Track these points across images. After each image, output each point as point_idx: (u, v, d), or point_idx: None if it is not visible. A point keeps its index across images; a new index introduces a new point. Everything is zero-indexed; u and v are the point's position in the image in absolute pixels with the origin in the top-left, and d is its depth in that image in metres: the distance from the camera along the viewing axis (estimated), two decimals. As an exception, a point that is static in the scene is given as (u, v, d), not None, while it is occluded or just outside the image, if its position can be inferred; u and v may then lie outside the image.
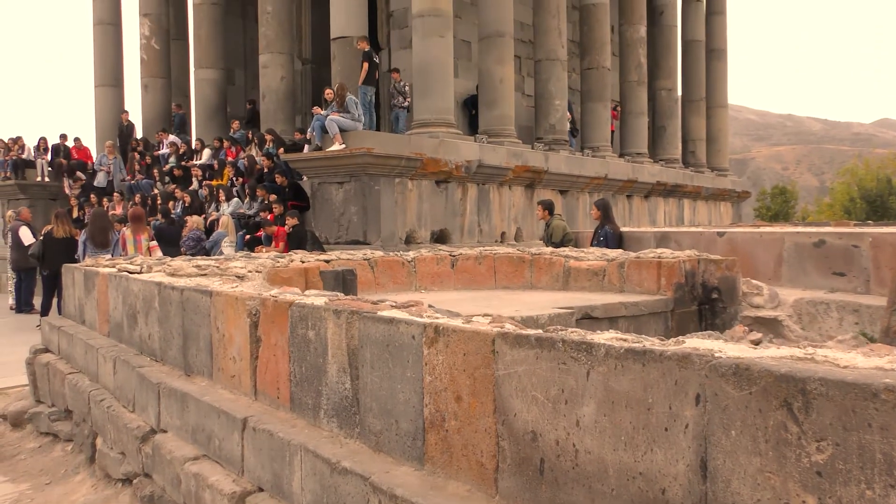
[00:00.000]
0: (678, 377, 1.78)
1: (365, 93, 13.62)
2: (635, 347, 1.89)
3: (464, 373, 2.29)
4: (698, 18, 23.36)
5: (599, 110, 18.45)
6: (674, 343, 1.97)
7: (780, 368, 1.61)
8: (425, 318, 2.54)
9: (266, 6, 15.88)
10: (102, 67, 19.39)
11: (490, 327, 2.34)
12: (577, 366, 1.99)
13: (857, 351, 1.86)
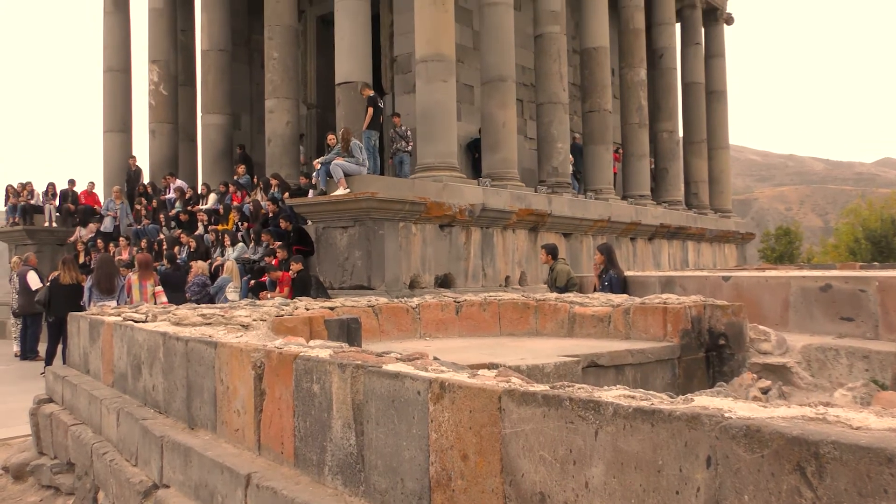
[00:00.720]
0: (688, 438, 1.75)
1: (369, 137, 13.74)
2: (644, 407, 1.86)
3: (470, 430, 2.26)
4: (698, 61, 23.62)
5: (601, 153, 18.56)
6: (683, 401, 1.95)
7: (791, 430, 1.58)
8: (431, 372, 2.52)
9: (272, 53, 16.11)
10: (111, 113, 19.62)
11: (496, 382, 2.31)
12: (584, 425, 1.96)
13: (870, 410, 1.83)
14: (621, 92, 20.52)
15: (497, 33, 15.25)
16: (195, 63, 19.93)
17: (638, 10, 20.08)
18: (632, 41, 20.11)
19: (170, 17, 18.97)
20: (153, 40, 18.86)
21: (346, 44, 14.65)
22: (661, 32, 21.80)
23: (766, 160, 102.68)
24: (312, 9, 19.46)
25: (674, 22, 22.38)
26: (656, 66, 21.67)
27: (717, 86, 24.62)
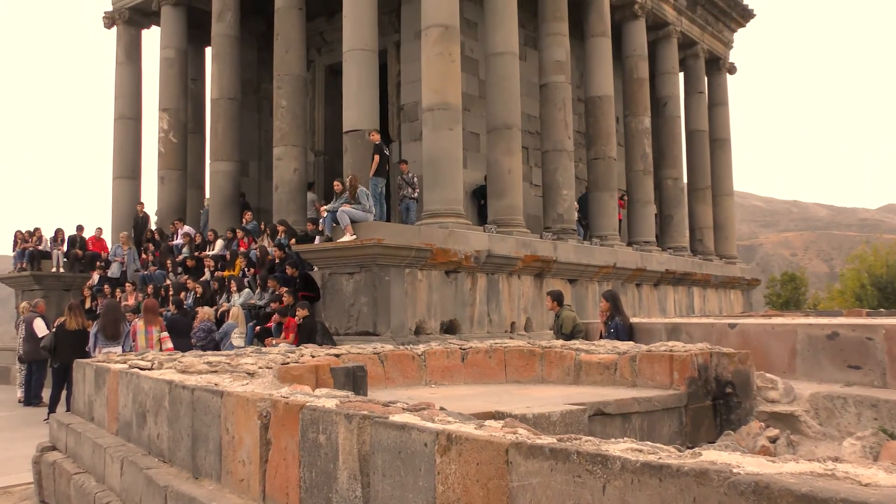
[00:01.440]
0: (696, 494, 1.74)
1: (376, 184, 13.85)
2: (652, 461, 1.85)
3: (477, 483, 2.25)
4: (701, 109, 23.85)
5: (606, 199, 18.65)
6: (691, 456, 1.94)
7: (800, 487, 1.57)
8: (437, 423, 2.51)
9: (281, 101, 16.34)
10: (121, 160, 19.86)
11: (503, 433, 2.30)
12: (592, 479, 1.95)
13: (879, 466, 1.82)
14: (626, 139, 20.70)
15: (503, 82, 15.47)
16: (205, 111, 20.22)
17: (642, 59, 20.37)
18: (636, 90, 20.35)
19: (181, 67, 19.30)
20: (164, 89, 19.15)
21: (354, 92, 14.86)
22: (664, 82, 22.06)
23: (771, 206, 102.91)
24: (321, 58, 19.78)
25: (677, 71, 22.65)
26: (660, 114, 21.89)
27: (721, 133, 24.82)
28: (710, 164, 24.00)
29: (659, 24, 21.50)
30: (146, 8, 19.75)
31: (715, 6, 23.85)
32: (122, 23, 20.18)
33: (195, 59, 20.72)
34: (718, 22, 24.58)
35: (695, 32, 23.19)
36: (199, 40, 20.31)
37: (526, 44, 18.14)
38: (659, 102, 21.90)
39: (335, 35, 17.19)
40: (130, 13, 20.06)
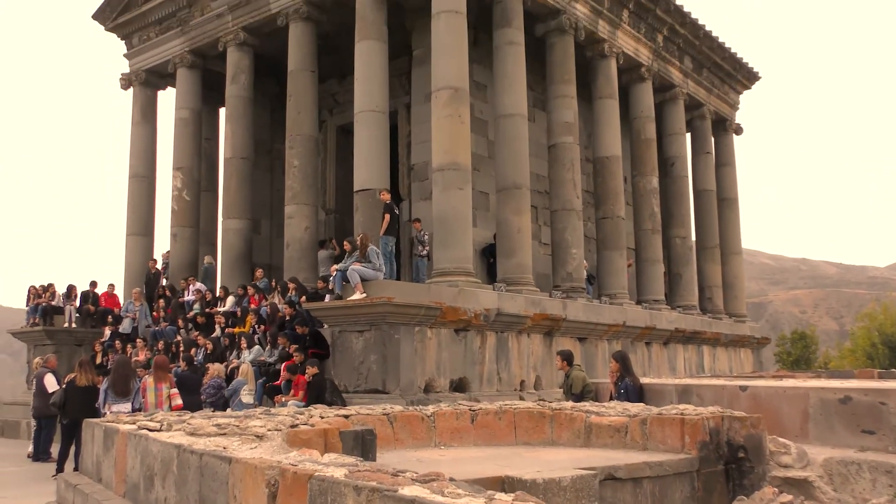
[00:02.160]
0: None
1: (386, 243, 13.93)
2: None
3: (487, 558, 2.22)
4: (708, 169, 23.99)
5: (615, 258, 18.66)
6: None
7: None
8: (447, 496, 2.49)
9: (293, 161, 16.58)
10: (135, 217, 20.07)
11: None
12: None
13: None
14: (634, 199, 20.80)
15: (512, 143, 15.66)
16: (218, 170, 20.51)
17: (649, 121, 20.61)
18: (643, 150, 20.54)
19: (195, 127, 19.64)
20: (178, 148, 19.46)
21: (365, 152, 15.09)
22: (672, 142, 22.26)
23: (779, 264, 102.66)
24: (333, 119, 20.10)
25: (684, 132, 22.89)
26: (668, 174, 22.04)
27: (729, 193, 24.92)
28: (719, 222, 24.05)
29: (665, 86, 21.81)
30: (162, 70, 20.20)
31: (720, 69, 24.21)
32: (139, 84, 20.62)
33: (209, 119, 21.10)
34: (724, 84, 24.91)
35: (701, 94, 23.49)
36: (214, 101, 20.72)
37: (535, 105, 18.40)
38: (667, 162, 22.07)
39: (347, 96, 17.52)
40: (147, 75, 20.51)
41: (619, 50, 19.23)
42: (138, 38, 20.66)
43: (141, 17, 20.21)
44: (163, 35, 19.91)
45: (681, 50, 22.14)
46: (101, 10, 20.80)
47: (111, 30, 21.07)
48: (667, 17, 20.74)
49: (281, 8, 17.16)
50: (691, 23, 21.65)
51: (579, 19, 17.67)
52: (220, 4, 18.47)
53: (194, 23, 19.09)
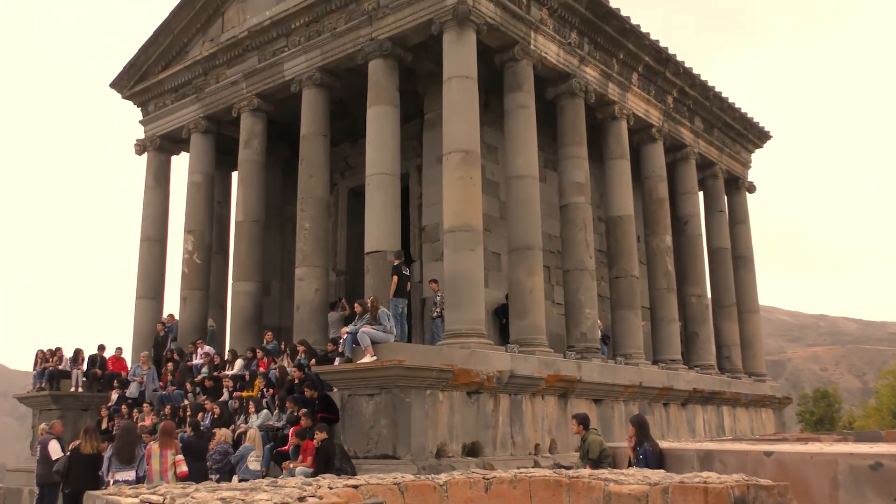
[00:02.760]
0: None
1: (396, 305, 13.85)
2: None
3: None
4: (722, 227, 23.93)
5: (630, 318, 18.46)
6: None
7: None
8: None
9: (304, 223, 16.64)
10: (145, 280, 20.13)
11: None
12: None
13: None
14: (648, 258, 20.70)
15: (524, 204, 15.67)
16: (229, 232, 20.61)
17: (661, 180, 20.64)
18: (656, 210, 20.52)
19: (207, 191, 19.83)
20: (190, 212, 19.61)
21: (376, 214, 15.14)
22: (685, 201, 22.24)
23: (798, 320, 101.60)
24: (344, 182, 20.26)
25: (697, 191, 22.90)
26: (682, 232, 21.96)
27: (744, 251, 24.79)
28: (734, 280, 23.87)
29: (677, 146, 21.92)
30: (176, 136, 20.52)
31: (731, 129, 24.36)
32: (153, 150, 20.93)
33: (221, 183, 21.32)
34: (735, 143, 25.03)
35: (713, 154, 23.58)
36: (226, 165, 20.99)
37: (546, 166, 18.49)
38: (680, 221, 22.02)
39: (359, 159, 17.69)
40: (161, 140, 20.84)
41: (630, 111, 19.40)
42: (154, 104, 21.08)
43: (157, 84, 20.65)
44: (178, 102, 20.30)
45: (691, 111, 22.34)
46: (119, 78, 21.28)
47: (128, 97, 21.51)
48: (676, 80, 20.99)
49: (295, 75, 17.48)
50: (700, 84, 21.88)
51: (589, 83, 17.88)
52: (235, 72, 18.87)
53: (209, 90, 19.47)
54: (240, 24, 19.10)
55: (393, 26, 15.74)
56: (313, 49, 17.17)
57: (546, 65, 16.80)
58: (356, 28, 16.37)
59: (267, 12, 18.31)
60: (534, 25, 16.31)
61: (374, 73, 15.91)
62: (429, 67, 16.65)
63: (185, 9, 20.01)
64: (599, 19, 17.91)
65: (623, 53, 19.07)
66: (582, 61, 17.74)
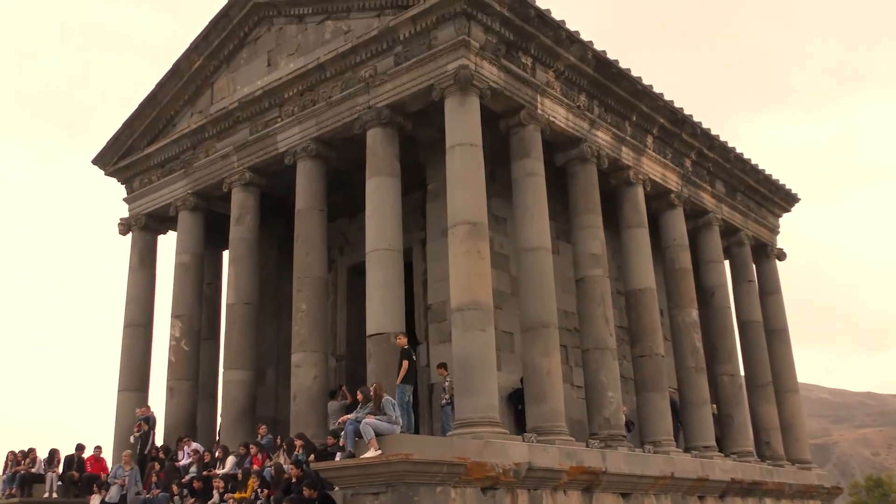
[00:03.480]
0: None
1: (403, 392, 13.82)
2: None
3: None
4: (752, 299, 23.89)
5: (657, 401, 18.28)
6: None
7: None
8: None
9: (300, 305, 16.72)
10: (128, 371, 20.09)
11: None
12: None
13: None
14: (673, 334, 20.64)
15: (537, 278, 15.76)
16: (220, 316, 20.69)
17: (683, 249, 20.74)
18: (679, 281, 20.57)
19: (196, 272, 19.98)
20: (178, 295, 19.72)
21: (378, 294, 15.24)
22: (709, 271, 22.29)
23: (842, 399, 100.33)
24: (343, 259, 20.44)
25: (722, 260, 22.94)
26: (708, 305, 21.93)
27: (777, 324, 24.69)
28: (769, 357, 23.67)
29: (698, 212, 22.12)
30: (163, 213, 20.81)
31: (756, 192, 24.61)
32: (138, 229, 21.18)
33: (211, 263, 21.52)
34: (761, 208, 25.25)
35: (737, 219, 23.76)
36: (217, 243, 21.22)
37: (558, 237, 18.67)
38: (706, 293, 22.03)
39: (358, 235, 17.88)
40: (147, 219, 21.11)
41: (646, 176, 19.67)
42: (139, 181, 21.45)
43: (143, 160, 21.08)
44: (165, 178, 20.66)
45: (711, 174, 22.63)
46: (102, 154, 21.72)
47: (111, 174, 21.92)
48: (693, 142, 21.34)
49: (289, 147, 17.85)
50: (720, 146, 22.22)
51: (601, 147, 18.20)
52: (225, 145, 19.29)
53: (198, 164, 19.85)
54: (230, 95, 19.64)
55: (391, 93, 16.15)
56: (308, 119, 17.59)
57: (555, 129, 17.14)
58: (352, 96, 16.81)
59: (258, 82, 18.86)
60: (540, 89, 16.73)
61: (372, 142, 16.25)
62: (430, 135, 17.02)
63: (173, 80, 20.60)
64: (609, 80, 18.36)
65: (636, 115, 19.48)
66: (592, 125, 18.11)
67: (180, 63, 20.41)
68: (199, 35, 20.08)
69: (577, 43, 17.25)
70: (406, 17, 15.85)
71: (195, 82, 20.50)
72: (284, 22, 19.06)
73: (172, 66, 20.50)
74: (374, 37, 16.43)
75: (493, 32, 15.77)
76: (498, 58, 15.86)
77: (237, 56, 19.94)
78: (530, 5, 16.04)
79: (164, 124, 21.14)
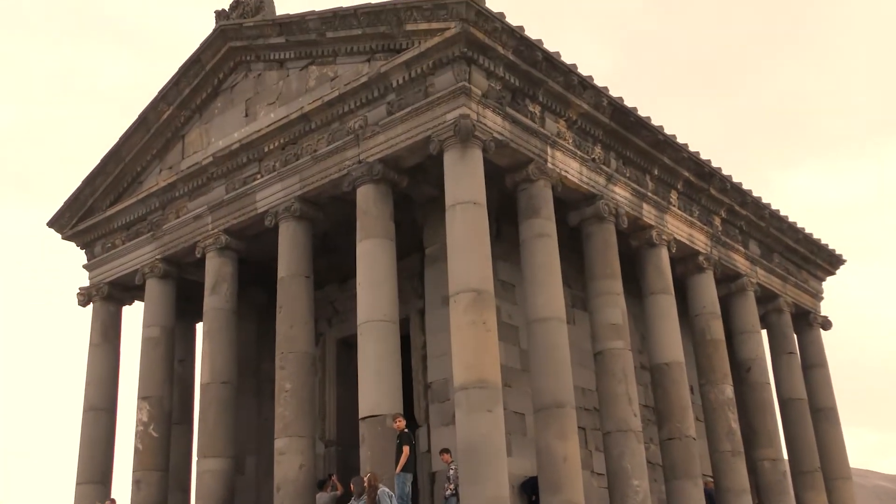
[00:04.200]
0: None
1: (403, 482, 13.79)
2: None
3: None
4: (794, 373, 23.83)
5: (689, 489, 18.18)
6: None
7: None
8: None
9: (284, 384, 16.75)
10: (89, 461, 20.01)
11: None
12: None
13: None
14: (705, 413, 20.58)
15: (550, 352, 15.81)
16: (193, 397, 20.72)
17: (714, 318, 20.80)
18: (711, 354, 20.58)
19: (166, 347, 20.04)
20: (145, 373, 19.73)
21: (372, 370, 15.28)
22: (745, 342, 22.26)
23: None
24: (332, 331, 20.51)
25: (759, 329, 22.93)
26: (744, 380, 21.89)
27: (824, 401, 24.59)
28: (816, 439, 23.51)
29: (730, 275, 22.23)
30: (128, 282, 20.93)
31: (795, 253, 24.71)
32: (101, 299, 21.30)
33: (184, 337, 21.61)
34: (801, 270, 25.34)
35: (774, 284, 23.87)
36: (189, 315, 21.33)
37: (574, 305, 18.79)
38: (741, 367, 22.00)
39: (349, 304, 18.01)
40: (110, 288, 21.23)
41: (671, 236, 19.87)
42: (101, 246, 21.63)
43: (106, 222, 21.30)
44: (130, 242, 20.87)
45: (744, 233, 22.82)
46: (59, 216, 21.93)
47: (69, 238, 22.11)
48: (723, 197, 21.56)
49: (270, 206, 18.05)
50: (753, 201, 22.43)
51: (619, 204, 18.41)
52: (198, 205, 19.49)
53: (168, 226, 20.06)
54: (203, 149, 19.93)
55: (384, 146, 16.40)
56: (291, 175, 17.83)
57: (567, 185, 17.36)
58: (341, 150, 17.07)
59: (235, 134, 19.15)
60: (550, 140, 17.00)
61: (363, 201, 16.44)
62: (428, 192, 17.23)
63: (139, 132, 20.90)
64: (627, 130, 18.67)
65: (658, 169, 19.75)
66: (609, 179, 18.36)
67: (147, 113, 20.73)
68: (168, 82, 20.45)
69: (590, 89, 17.54)
70: (399, 62, 16.17)
71: (164, 135, 20.82)
72: (263, 68, 19.47)
73: (138, 117, 20.81)
74: (364, 84, 16.75)
75: (496, 78, 16.07)
76: (503, 106, 16.14)
77: (211, 105, 20.31)
78: (537, 48, 16.35)
79: (129, 182, 21.40)
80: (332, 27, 17.61)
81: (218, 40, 19.74)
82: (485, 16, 15.38)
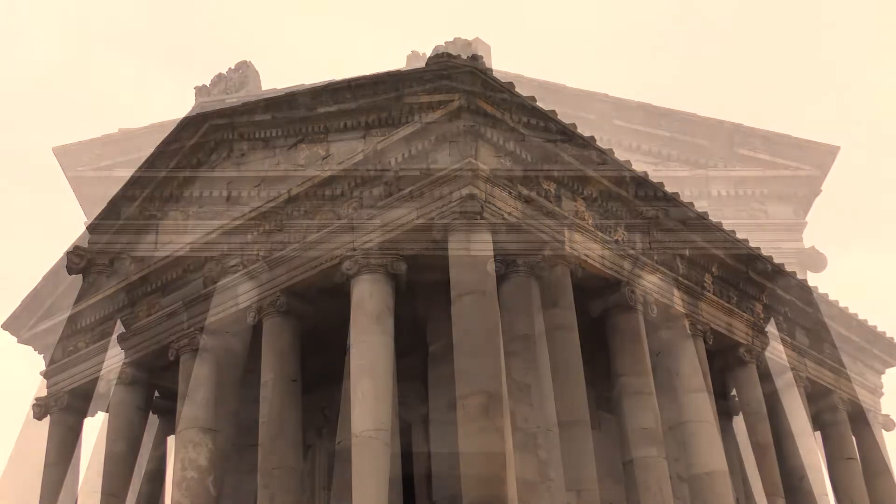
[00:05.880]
0: None
1: None
2: None
3: None
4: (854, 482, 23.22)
5: None
6: None
7: None
8: None
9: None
10: None
11: None
12: None
13: None
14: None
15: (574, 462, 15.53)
16: (163, 522, 20.27)
17: (760, 419, 20.48)
18: (759, 459, 20.24)
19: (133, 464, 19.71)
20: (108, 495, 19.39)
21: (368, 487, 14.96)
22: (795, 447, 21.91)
23: None
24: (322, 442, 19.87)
25: (811, 431, 22.56)
26: (797, 491, 21.46)
27: (892, 514, 24.12)
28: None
29: (775, 369, 21.99)
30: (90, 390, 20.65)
31: (848, 342, 24.42)
32: (59, 411, 21.03)
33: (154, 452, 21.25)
34: (857, 362, 25.05)
35: (826, 378, 23.56)
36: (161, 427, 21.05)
37: (599, 406, 18.52)
38: (792, 475, 21.61)
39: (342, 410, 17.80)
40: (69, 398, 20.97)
41: (706, 326, 19.74)
42: (62, 349, 21.50)
43: (68, 322, 21.21)
44: (95, 344, 20.73)
45: (789, 321, 22.64)
46: (16, 317, 21.89)
47: (26, 341, 22.03)
48: (764, 281, 21.47)
49: (251, 301, 17.98)
50: (797, 285, 22.34)
51: (647, 291, 18.35)
52: (172, 301, 19.41)
53: (138, 326, 19.96)
54: (179, 238, 19.91)
55: (381, 232, 16.42)
56: (276, 266, 17.80)
57: (588, 270, 17.33)
58: (333, 236, 17.07)
59: (215, 221, 19.16)
60: (567, 221, 17.03)
61: (358, 293, 16.36)
62: (431, 280, 17.14)
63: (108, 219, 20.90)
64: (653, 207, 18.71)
65: (689, 249, 19.73)
66: (636, 263, 18.35)
67: (117, 199, 20.79)
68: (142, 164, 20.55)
69: (611, 162, 17.66)
70: (398, 138, 16.30)
71: (136, 222, 20.85)
72: (247, 147, 19.56)
73: (108, 203, 20.88)
74: (359, 162, 16.88)
75: (505, 153, 16.15)
76: (513, 184, 16.18)
77: (189, 188, 20.37)
78: (551, 119, 16.46)
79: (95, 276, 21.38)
80: (324, 102, 17.78)
81: (198, 118, 19.93)
82: (492, 86, 15.52)
